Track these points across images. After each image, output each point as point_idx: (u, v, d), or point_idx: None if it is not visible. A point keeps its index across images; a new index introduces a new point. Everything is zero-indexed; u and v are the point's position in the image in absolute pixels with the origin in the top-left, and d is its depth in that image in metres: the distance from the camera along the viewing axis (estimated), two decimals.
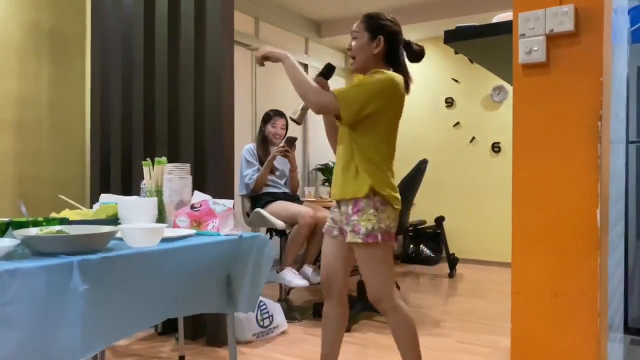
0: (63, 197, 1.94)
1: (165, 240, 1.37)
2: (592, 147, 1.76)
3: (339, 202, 1.94)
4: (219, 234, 1.51)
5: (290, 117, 2.01)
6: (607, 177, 2.03)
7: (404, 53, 2.05)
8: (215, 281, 1.58)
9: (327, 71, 2.00)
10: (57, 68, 3.47)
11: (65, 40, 3.51)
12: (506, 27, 1.89)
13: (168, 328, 3.07)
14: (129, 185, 3.16)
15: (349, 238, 1.84)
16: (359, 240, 1.81)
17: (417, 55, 2.08)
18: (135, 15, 3.17)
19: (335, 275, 2.03)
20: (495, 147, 5.40)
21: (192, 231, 1.50)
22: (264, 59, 1.93)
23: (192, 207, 1.57)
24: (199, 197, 1.62)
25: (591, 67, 1.74)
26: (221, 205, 1.55)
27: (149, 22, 3.13)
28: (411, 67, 2.21)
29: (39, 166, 3.35)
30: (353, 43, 1.97)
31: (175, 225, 1.58)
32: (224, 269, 1.60)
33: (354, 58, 1.98)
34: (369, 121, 1.85)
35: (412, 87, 2.27)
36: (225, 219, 1.53)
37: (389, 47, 1.97)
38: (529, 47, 1.76)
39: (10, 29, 3.21)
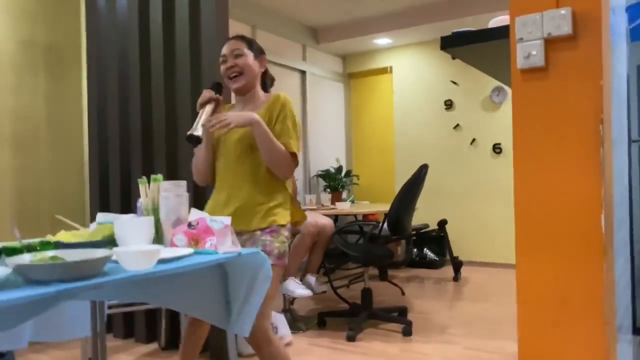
0: (60, 217, 1.92)
1: (161, 261, 1.34)
2: (595, 152, 1.73)
3: None
4: (216, 252, 1.48)
5: (191, 135, 1.72)
6: (611, 181, 2.00)
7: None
8: (213, 298, 1.55)
9: (217, 87, 1.92)
10: (54, 82, 3.46)
11: (61, 54, 3.50)
12: (503, 32, 1.86)
13: (171, 343, 3.04)
14: (129, 201, 3.14)
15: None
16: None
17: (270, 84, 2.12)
18: (130, 29, 3.15)
19: None
20: (497, 149, 5.36)
21: (190, 250, 1.47)
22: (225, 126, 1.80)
23: (189, 225, 1.54)
24: (195, 214, 1.59)
25: (591, 70, 1.71)
26: (218, 222, 1.52)
27: (144, 35, 3.11)
28: (410, 71, 2.11)
29: (38, 181, 3.33)
30: (236, 60, 1.91)
31: (172, 244, 1.55)
32: (223, 287, 1.58)
33: (237, 75, 1.92)
34: None
35: (410, 91, 2.38)
36: (223, 236, 1.51)
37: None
38: (527, 51, 1.73)
39: (5, 44, 3.20)
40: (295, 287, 3.27)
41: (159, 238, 1.65)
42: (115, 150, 3.25)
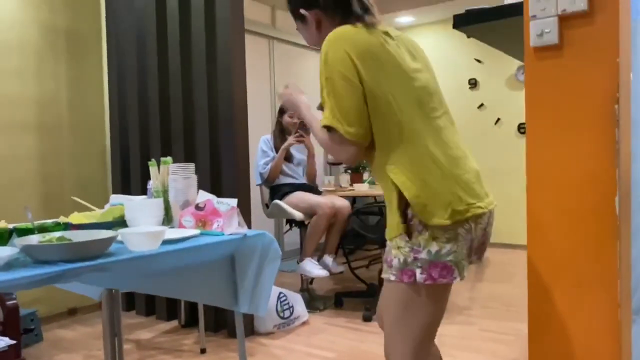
0: (76, 199, 1.97)
1: (167, 242, 1.37)
2: (610, 132, 1.68)
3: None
4: (222, 234, 1.51)
5: None
6: (629, 162, 1.93)
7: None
8: (220, 280, 1.58)
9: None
10: (75, 68, 3.51)
11: (81, 40, 3.55)
12: (517, 9, 1.81)
13: (191, 321, 3.11)
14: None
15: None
16: (390, 277, 1.32)
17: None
18: (148, 13, 3.18)
19: None
20: (522, 128, 5.25)
21: (197, 231, 1.49)
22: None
23: (197, 206, 1.57)
24: (203, 196, 1.62)
25: (607, 48, 1.65)
26: (225, 204, 1.54)
27: (161, 19, 3.15)
28: (433, 49, 1.85)
29: (61, 165, 3.42)
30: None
31: (181, 226, 1.58)
32: (229, 269, 1.60)
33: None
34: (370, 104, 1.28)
35: (434, 70, 1.64)
36: (229, 218, 1.53)
37: (327, 6, 1.40)
38: (540, 29, 1.69)
39: (27, 30, 3.25)
40: (312, 268, 3.29)
41: (169, 219, 1.68)
42: (135, 134, 3.31)
